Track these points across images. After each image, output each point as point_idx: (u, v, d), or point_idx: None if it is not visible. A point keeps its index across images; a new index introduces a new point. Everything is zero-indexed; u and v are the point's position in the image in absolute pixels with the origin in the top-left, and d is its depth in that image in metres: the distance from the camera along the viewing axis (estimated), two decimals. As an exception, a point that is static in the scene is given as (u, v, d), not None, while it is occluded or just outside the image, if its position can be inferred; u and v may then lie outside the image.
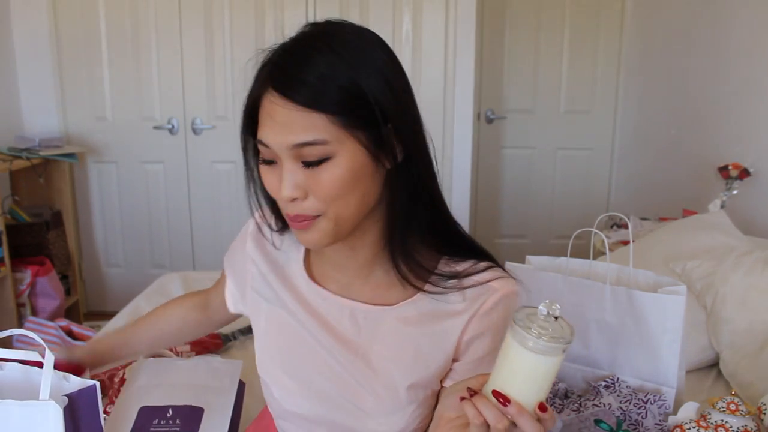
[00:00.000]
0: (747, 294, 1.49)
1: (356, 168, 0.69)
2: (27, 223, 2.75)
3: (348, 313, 0.81)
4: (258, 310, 0.89)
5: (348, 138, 0.68)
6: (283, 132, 0.67)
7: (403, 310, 0.80)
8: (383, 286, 0.81)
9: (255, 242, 0.90)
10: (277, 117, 0.67)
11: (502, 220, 3.73)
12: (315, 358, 0.82)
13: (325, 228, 0.72)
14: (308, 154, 0.68)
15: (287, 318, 0.84)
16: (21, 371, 0.77)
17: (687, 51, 2.81)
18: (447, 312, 0.78)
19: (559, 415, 1.17)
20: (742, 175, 2.26)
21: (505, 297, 0.78)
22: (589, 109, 3.56)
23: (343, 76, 0.67)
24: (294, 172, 0.69)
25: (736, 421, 1.05)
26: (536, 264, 1.36)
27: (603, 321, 1.24)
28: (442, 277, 0.78)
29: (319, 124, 0.67)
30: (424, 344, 0.79)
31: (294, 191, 0.69)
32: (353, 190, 0.70)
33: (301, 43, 0.70)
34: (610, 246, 1.86)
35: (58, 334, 2.41)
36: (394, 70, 0.72)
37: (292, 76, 0.67)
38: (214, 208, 3.19)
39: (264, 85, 0.70)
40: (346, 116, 0.67)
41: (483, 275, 0.78)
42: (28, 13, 2.91)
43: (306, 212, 0.71)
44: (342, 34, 0.71)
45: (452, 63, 3.02)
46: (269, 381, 0.86)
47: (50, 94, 3.01)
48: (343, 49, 0.69)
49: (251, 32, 3.01)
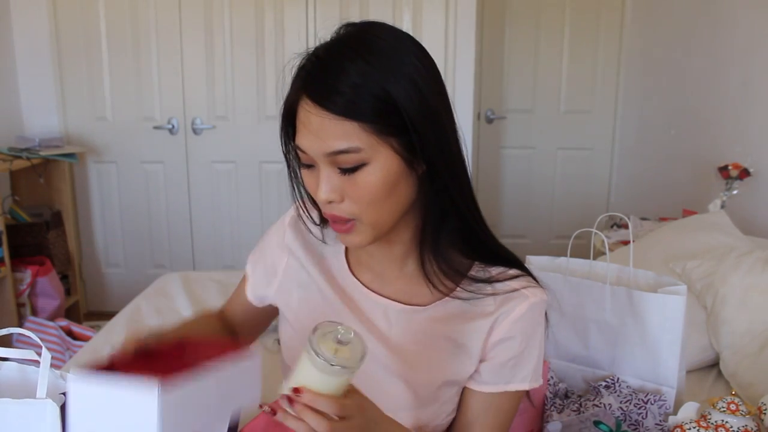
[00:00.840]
0: (747, 294, 1.49)
1: (390, 173, 0.71)
2: (27, 223, 2.75)
3: (382, 310, 0.84)
4: (289, 295, 0.90)
5: (381, 145, 0.70)
6: (318, 140, 0.69)
7: (433, 311, 0.82)
8: (415, 282, 0.83)
9: (295, 232, 0.91)
10: (312, 125, 0.70)
11: (502, 220, 3.72)
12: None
13: (364, 231, 0.75)
14: (343, 160, 0.70)
15: (322, 304, 0.86)
16: (18, 370, 0.76)
17: (687, 51, 2.80)
18: (477, 313, 0.81)
19: (560, 415, 1.17)
20: (742, 175, 2.26)
21: (536, 305, 0.81)
22: (589, 109, 3.56)
23: (374, 84, 0.69)
24: (330, 176, 0.72)
25: (736, 421, 1.05)
26: (536, 264, 1.36)
27: (603, 321, 1.24)
28: (473, 281, 0.81)
29: (353, 132, 0.69)
30: (453, 342, 0.81)
31: (330, 194, 0.72)
32: (388, 194, 0.73)
33: (334, 51, 0.72)
34: (610, 246, 1.86)
35: (58, 334, 2.42)
36: (427, 76, 0.73)
37: (326, 85, 0.69)
38: (214, 208, 3.19)
39: (298, 92, 0.72)
40: (378, 124, 0.69)
41: (514, 282, 0.81)
42: (28, 13, 2.91)
43: (343, 214, 0.73)
44: (375, 40, 0.72)
45: (452, 63, 3.02)
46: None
47: (50, 94, 3.01)
48: (374, 57, 0.70)
49: (251, 32, 3.01)
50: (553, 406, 1.20)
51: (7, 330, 0.77)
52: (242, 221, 3.19)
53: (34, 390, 0.70)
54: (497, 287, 0.81)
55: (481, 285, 0.81)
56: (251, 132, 3.10)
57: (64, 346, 2.40)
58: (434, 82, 0.74)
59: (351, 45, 0.72)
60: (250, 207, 3.19)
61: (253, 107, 3.08)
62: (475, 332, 0.81)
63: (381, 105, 0.69)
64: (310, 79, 0.71)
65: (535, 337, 0.82)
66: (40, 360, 0.70)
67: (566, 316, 1.29)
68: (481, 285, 0.81)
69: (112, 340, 1.70)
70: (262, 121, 3.09)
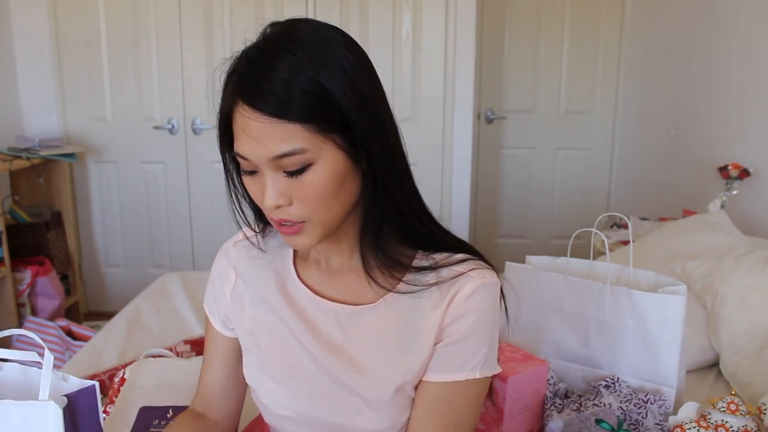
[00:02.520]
0: (747, 294, 1.49)
1: (337, 171, 0.70)
2: (27, 223, 2.75)
3: (332, 315, 0.81)
4: (241, 316, 0.87)
5: (325, 143, 0.68)
6: (260, 145, 0.67)
7: (384, 308, 0.80)
8: (363, 277, 0.80)
9: (239, 250, 0.89)
10: (252, 131, 0.67)
11: (502, 220, 3.73)
12: (300, 361, 0.82)
13: (312, 231, 0.73)
14: (289, 163, 0.68)
15: (273, 320, 0.84)
16: (20, 371, 0.76)
17: (687, 51, 2.81)
18: (426, 306, 0.78)
19: (560, 415, 1.17)
20: (742, 175, 2.26)
21: (485, 287, 0.77)
22: (589, 109, 3.56)
23: (305, 78, 0.66)
24: (276, 181, 0.70)
25: (736, 421, 1.05)
26: (536, 264, 1.36)
27: (603, 321, 1.24)
28: (417, 271, 0.79)
29: (295, 133, 0.67)
30: (406, 342, 0.79)
31: (278, 199, 0.70)
32: (336, 192, 0.71)
33: (262, 50, 0.70)
34: (610, 246, 1.86)
35: (58, 334, 2.42)
36: (359, 66, 0.71)
37: (258, 86, 0.67)
38: (214, 208, 3.19)
39: (233, 96, 0.69)
40: (318, 122, 0.67)
41: (459, 267, 0.78)
42: (28, 13, 2.91)
43: (292, 217, 0.71)
44: (302, 35, 0.70)
45: (452, 63, 3.02)
46: (255, 387, 0.86)
47: (50, 94, 3.01)
48: (301, 51, 0.68)
49: (251, 32, 3.00)
50: (553, 406, 1.20)
51: (9, 331, 0.77)
52: (242, 221, 3.19)
53: (37, 391, 0.70)
54: (442, 274, 0.78)
55: (425, 273, 0.78)
56: (251, 132, 3.10)
57: (64, 346, 2.40)
58: (367, 72, 0.72)
59: (278, 42, 0.70)
60: (250, 207, 3.18)
61: (253, 107, 3.08)
62: (427, 328, 0.78)
63: (315, 100, 0.67)
64: (243, 81, 0.68)
65: (485, 320, 0.78)
66: (42, 361, 0.70)
67: (566, 316, 1.29)
68: (425, 273, 0.78)
69: (112, 340, 1.70)
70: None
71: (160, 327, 1.79)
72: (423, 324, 0.78)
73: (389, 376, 0.79)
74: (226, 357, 0.91)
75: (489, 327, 0.79)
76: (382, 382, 0.79)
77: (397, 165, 0.75)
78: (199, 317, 1.85)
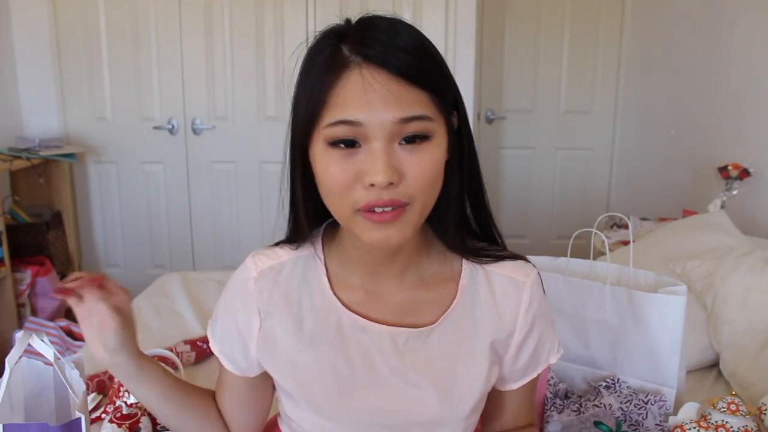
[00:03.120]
0: (747, 294, 1.49)
1: (443, 153, 0.66)
2: (27, 223, 2.75)
3: (388, 341, 0.75)
4: (274, 358, 0.77)
5: (440, 119, 0.66)
6: (384, 107, 0.61)
7: (440, 329, 0.76)
8: (413, 297, 0.76)
9: (261, 288, 0.77)
10: (377, 92, 0.61)
11: (502, 221, 3.72)
12: (356, 395, 0.75)
13: (411, 220, 0.66)
14: (413, 129, 0.63)
15: (320, 359, 0.75)
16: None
17: (687, 51, 2.81)
18: (483, 321, 0.77)
19: (560, 415, 1.17)
20: (742, 175, 2.26)
21: (534, 285, 0.79)
22: (589, 109, 3.56)
23: (430, 51, 0.65)
24: (390, 153, 0.63)
25: (736, 421, 1.05)
26: (536, 264, 1.36)
27: (603, 321, 1.24)
28: (473, 256, 0.78)
29: (422, 99, 0.63)
30: (470, 359, 0.77)
31: (392, 174, 0.62)
32: (440, 177, 0.67)
33: (374, 17, 0.66)
34: (610, 246, 1.86)
35: (58, 334, 2.41)
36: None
37: (388, 44, 0.62)
38: (214, 208, 3.19)
39: (344, 64, 0.63)
40: (440, 96, 0.65)
41: (506, 271, 0.78)
42: (28, 13, 2.91)
43: (399, 197, 0.63)
44: (393, 17, 0.67)
45: (452, 63, 3.02)
46: (306, 426, 0.79)
47: (50, 94, 3.01)
48: (415, 28, 0.66)
49: (251, 32, 3.00)
50: (553, 407, 1.20)
51: (17, 332, 0.76)
52: (242, 221, 3.19)
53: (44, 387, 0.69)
54: (493, 283, 0.78)
55: (476, 281, 0.78)
56: (251, 132, 3.10)
57: (64, 347, 2.40)
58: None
59: (387, 17, 0.66)
60: (250, 207, 3.19)
61: (253, 107, 3.08)
62: (485, 341, 0.77)
63: (440, 73, 0.65)
64: (366, 40, 0.63)
65: (543, 316, 0.81)
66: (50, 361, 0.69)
67: (566, 316, 1.29)
68: (476, 281, 0.78)
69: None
70: (262, 121, 3.09)
71: (160, 327, 1.79)
72: (484, 342, 0.77)
73: (453, 395, 0.76)
74: (243, 394, 0.84)
75: (548, 318, 0.82)
76: (446, 399, 0.76)
77: (476, 157, 0.75)
78: (198, 317, 1.85)
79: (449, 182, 0.71)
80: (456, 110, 0.70)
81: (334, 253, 0.78)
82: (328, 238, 0.80)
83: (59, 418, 0.84)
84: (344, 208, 0.66)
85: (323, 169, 0.65)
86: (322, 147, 0.65)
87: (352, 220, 0.66)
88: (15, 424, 0.68)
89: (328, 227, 0.81)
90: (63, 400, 0.83)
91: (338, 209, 0.67)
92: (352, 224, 0.67)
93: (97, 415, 1.22)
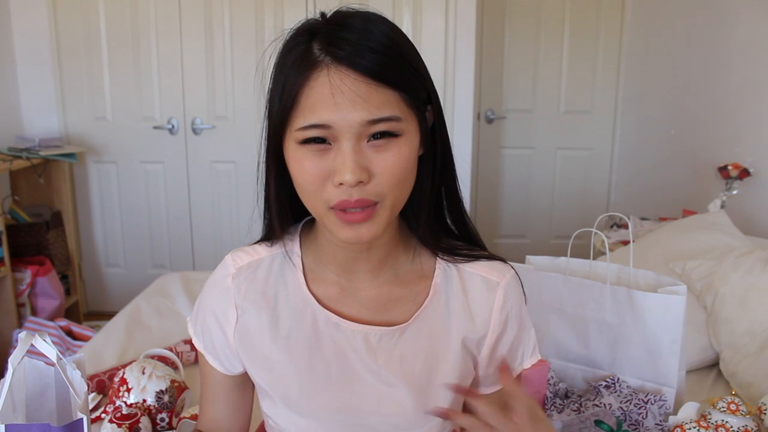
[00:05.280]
0: (747, 294, 1.49)
1: (413, 151, 0.67)
2: (27, 223, 2.75)
3: (362, 339, 0.75)
4: (251, 354, 0.78)
5: (411, 117, 0.66)
6: (353, 109, 0.62)
7: (413, 327, 0.76)
8: (388, 293, 0.77)
9: (238, 285, 0.78)
10: (346, 93, 0.62)
11: (502, 220, 3.73)
12: (329, 392, 0.76)
13: (382, 215, 0.67)
14: (380, 129, 0.64)
15: (294, 356, 0.76)
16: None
17: (687, 51, 2.81)
18: (456, 320, 0.77)
19: (560, 415, 1.17)
20: (742, 175, 2.26)
21: (509, 286, 0.78)
22: (589, 109, 3.56)
23: (402, 48, 0.65)
24: (358, 152, 0.64)
25: (736, 421, 1.05)
26: (536, 264, 1.36)
27: (603, 321, 1.24)
28: (446, 254, 0.78)
29: (392, 99, 0.64)
30: (443, 358, 0.76)
31: (360, 173, 0.63)
32: (411, 174, 0.68)
33: (347, 15, 0.66)
34: (610, 246, 1.86)
35: (58, 334, 2.42)
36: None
37: (358, 44, 0.63)
38: (214, 208, 3.19)
39: (314, 65, 0.63)
40: (410, 94, 0.66)
41: (479, 270, 0.78)
42: (28, 13, 2.91)
43: (368, 195, 0.65)
44: (369, 13, 0.67)
45: (452, 63, 3.02)
46: (283, 425, 0.80)
47: (50, 94, 3.01)
48: (388, 23, 0.66)
49: (251, 32, 3.00)
50: (553, 406, 1.20)
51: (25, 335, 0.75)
52: (242, 221, 3.19)
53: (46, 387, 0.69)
54: (466, 282, 0.77)
55: (450, 279, 0.77)
56: (251, 132, 3.10)
57: (64, 347, 2.40)
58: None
59: (361, 13, 0.66)
60: (250, 207, 3.18)
61: (253, 107, 3.08)
62: (464, 342, 0.77)
63: (410, 71, 0.66)
64: (336, 41, 0.63)
65: (521, 316, 0.80)
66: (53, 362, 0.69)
67: (566, 316, 1.29)
68: (450, 279, 0.77)
69: (112, 340, 1.70)
70: (262, 121, 3.09)
71: (160, 327, 1.79)
72: (458, 340, 0.77)
73: (427, 394, 0.75)
74: (228, 394, 0.84)
75: (524, 321, 0.81)
76: (420, 399, 0.75)
77: (450, 151, 0.75)
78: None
79: (423, 177, 0.72)
80: (430, 105, 0.71)
81: (310, 250, 0.79)
82: (306, 235, 0.81)
83: (60, 419, 0.84)
84: (318, 205, 0.67)
85: (297, 167, 0.67)
86: (295, 146, 0.66)
87: (326, 217, 0.68)
88: (17, 425, 0.68)
89: (307, 224, 0.82)
90: (64, 401, 0.83)
91: (313, 206, 0.69)
92: (326, 220, 0.68)
93: (96, 415, 1.22)
